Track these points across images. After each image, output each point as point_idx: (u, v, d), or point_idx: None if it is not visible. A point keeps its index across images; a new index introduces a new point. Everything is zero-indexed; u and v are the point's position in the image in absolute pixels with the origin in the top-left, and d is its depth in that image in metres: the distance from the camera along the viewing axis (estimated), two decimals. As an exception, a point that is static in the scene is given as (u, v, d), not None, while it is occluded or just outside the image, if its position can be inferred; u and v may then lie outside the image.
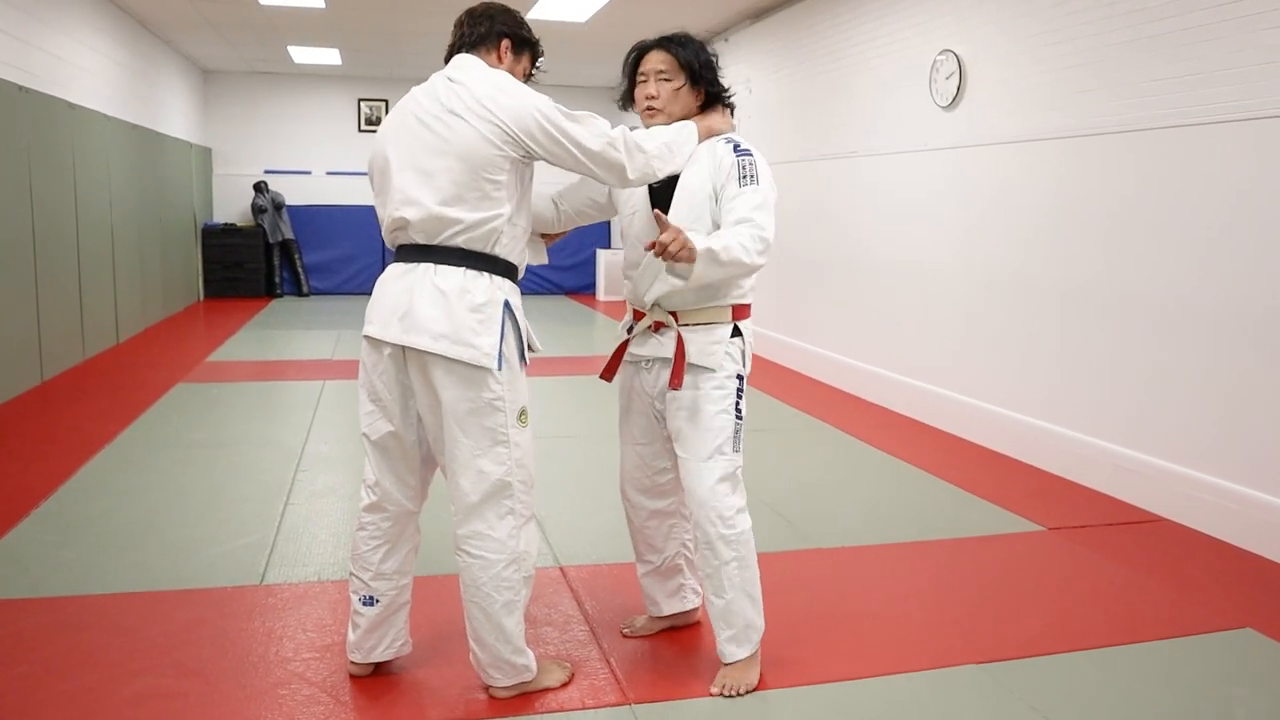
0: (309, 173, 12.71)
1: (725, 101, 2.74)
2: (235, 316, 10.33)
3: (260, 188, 12.22)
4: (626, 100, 2.75)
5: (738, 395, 2.64)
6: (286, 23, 9.05)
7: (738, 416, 2.64)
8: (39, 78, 6.58)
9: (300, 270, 12.41)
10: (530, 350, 2.52)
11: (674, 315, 2.64)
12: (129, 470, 4.62)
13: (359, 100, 12.70)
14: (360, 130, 12.66)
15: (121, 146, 8.43)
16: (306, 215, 12.54)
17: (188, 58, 11.25)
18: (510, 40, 2.57)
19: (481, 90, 2.39)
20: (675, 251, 2.34)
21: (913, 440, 5.52)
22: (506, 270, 2.47)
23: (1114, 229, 4.50)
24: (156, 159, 9.62)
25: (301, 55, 10.94)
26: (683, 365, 2.58)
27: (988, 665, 2.82)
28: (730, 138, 2.66)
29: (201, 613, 3.07)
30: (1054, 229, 4.88)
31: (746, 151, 2.60)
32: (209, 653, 2.80)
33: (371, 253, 12.45)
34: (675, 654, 2.86)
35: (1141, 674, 2.80)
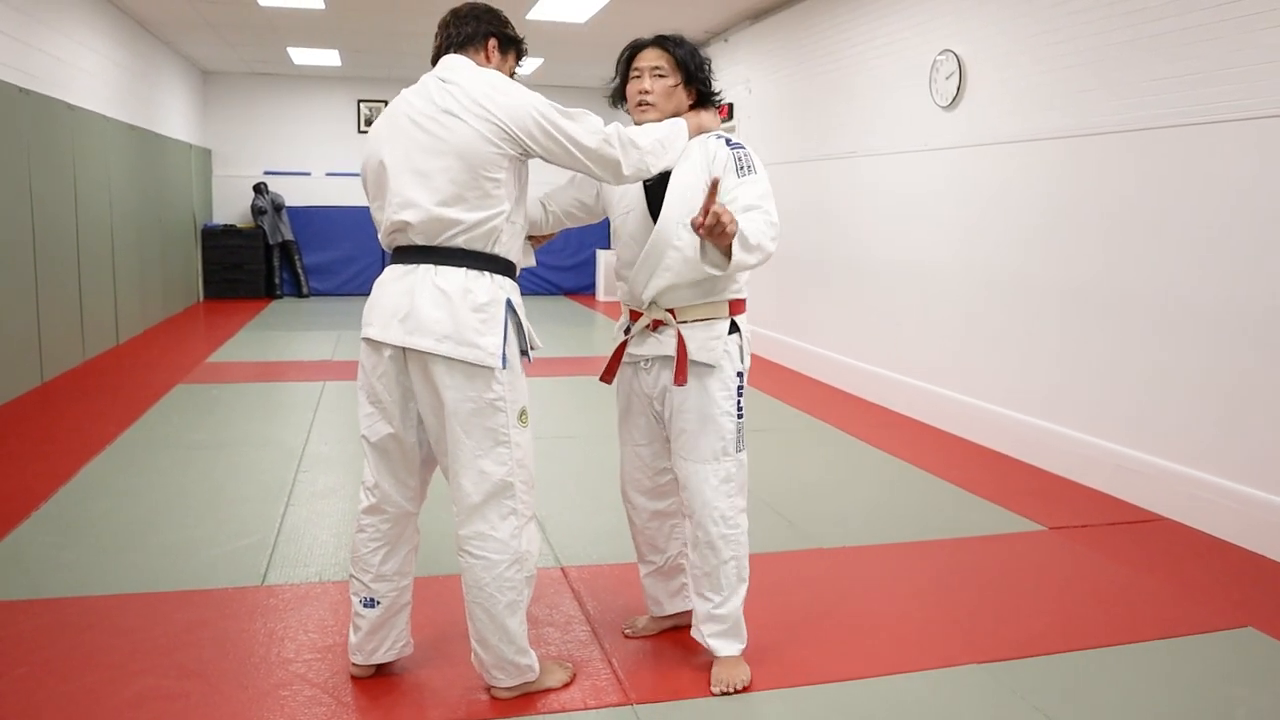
0: (309, 174, 12.71)
1: (716, 104, 2.76)
2: (235, 318, 10.33)
3: (260, 189, 12.22)
4: (618, 96, 2.76)
5: (738, 394, 2.64)
6: (286, 24, 9.05)
7: (739, 415, 2.64)
8: (39, 79, 6.58)
9: (300, 271, 12.41)
10: (532, 348, 2.52)
11: (671, 313, 2.64)
12: (129, 471, 4.62)
13: (359, 101, 12.70)
14: (360, 131, 12.65)
15: (121, 148, 8.43)
16: (306, 216, 12.54)
17: (187, 59, 11.25)
18: (497, 39, 2.58)
19: (477, 89, 2.38)
20: (727, 224, 2.29)
21: (913, 440, 5.52)
22: (506, 269, 2.47)
23: (1114, 228, 4.50)
24: (156, 160, 9.62)
25: (301, 56, 10.94)
26: (685, 361, 2.58)
27: (989, 665, 2.82)
28: (721, 134, 2.69)
29: (202, 614, 3.07)
30: (1054, 229, 4.88)
31: (740, 145, 2.63)
32: (210, 654, 2.80)
33: (371, 254, 12.44)
34: (677, 654, 2.86)
35: (1143, 673, 2.80)
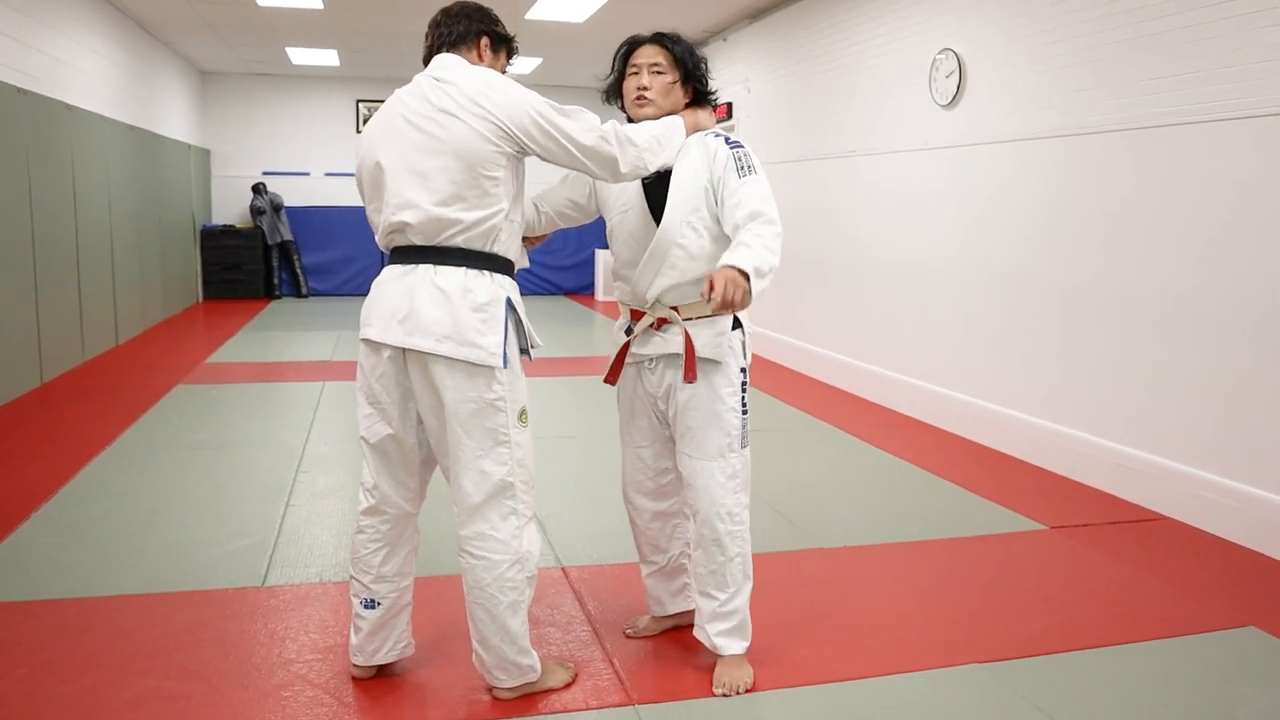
0: (307, 174, 12.71)
1: (712, 103, 2.75)
2: (234, 318, 10.32)
3: (259, 189, 12.22)
4: (614, 92, 2.75)
5: (743, 389, 2.64)
6: (285, 24, 9.04)
7: (744, 411, 2.64)
8: (38, 80, 6.57)
9: (299, 271, 12.41)
10: (532, 346, 2.51)
11: (675, 310, 2.63)
12: (129, 472, 4.62)
13: (357, 101, 12.69)
14: (359, 131, 12.65)
15: (120, 148, 8.42)
16: (305, 216, 12.54)
17: (186, 59, 11.24)
18: (489, 38, 2.57)
19: (472, 88, 2.38)
20: (739, 299, 2.28)
21: (913, 439, 5.52)
22: (505, 267, 2.47)
23: (1114, 227, 4.50)
24: (155, 161, 9.61)
25: (300, 56, 10.94)
26: (693, 358, 2.58)
27: (990, 664, 2.82)
28: (718, 132, 2.68)
29: (203, 614, 3.06)
30: (1054, 227, 4.88)
31: (738, 144, 2.62)
32: (211, 655, 2.79)
33: (370, 254, 12.43)
34: (678, 654, 2.85)
35: (1144, 673, 2.80)
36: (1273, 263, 3.76)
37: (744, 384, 2.65)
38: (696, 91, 2.71)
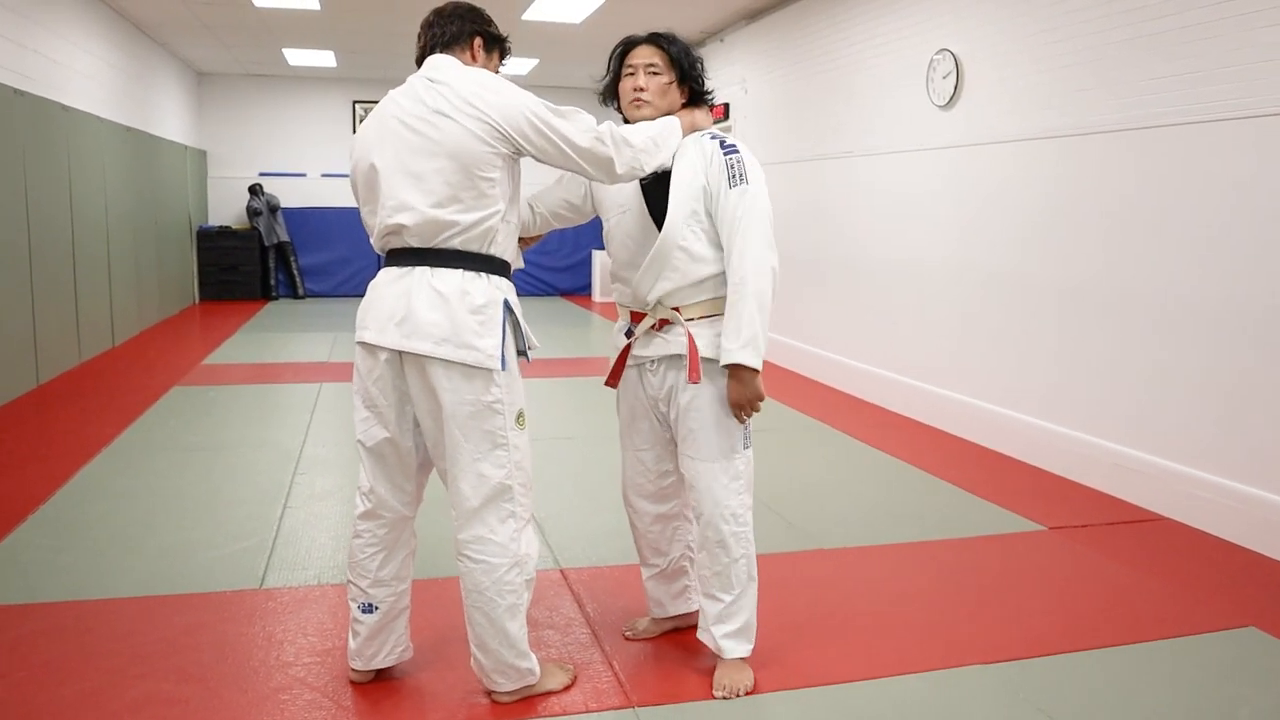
0: (304, 175, 12.69)
1: (709, 103, 2.74)
2: (231, 319, 10.31)
3: (255, 190, 12.20)
4: (610, 93, 2.73)
5: None
6: (281, 25, 9.03)
7: (744, 412, 2.64)
8: (34, 81, 6.56)
9: (296, 273, 12.39)
10: (530, 348, 2.50)
11: (676, 311, 2.62)
12: (126, 474, 4.61)
13: (354, 102, 12.68)
14: (355, 132, 12.62)
15: (116, 149, 8.41)
16: (302, 217, 12.52)
17: (183, 60, 11.22)
18: (482, 38, 2.56)
19: (467, 89, 2.36)
20: (759, 406, 2.59)
21: (911, 440, 5.51)
22: (502, 269, 2.46)
23: (1113, 228, 4.50)
24: (151, 162, 9.59)
25: (296, 57, 10.92)
26: (697, 359, 2.57)
27: (991, 665, 2.82)
28: (715, 133, 2.66)
29: (201, 617, 3.05)
30: (1052, 228, 4.88)
31: (733, 149, 2.59)
32: (209, 657, 2.78)
33: (367, 255, 12.41)
34: (678, 656, 2.85)
35: (1144, 673, 2.80)
36: (1272, 263, 3.76)
37: None
38: (693, 92, 2.69)
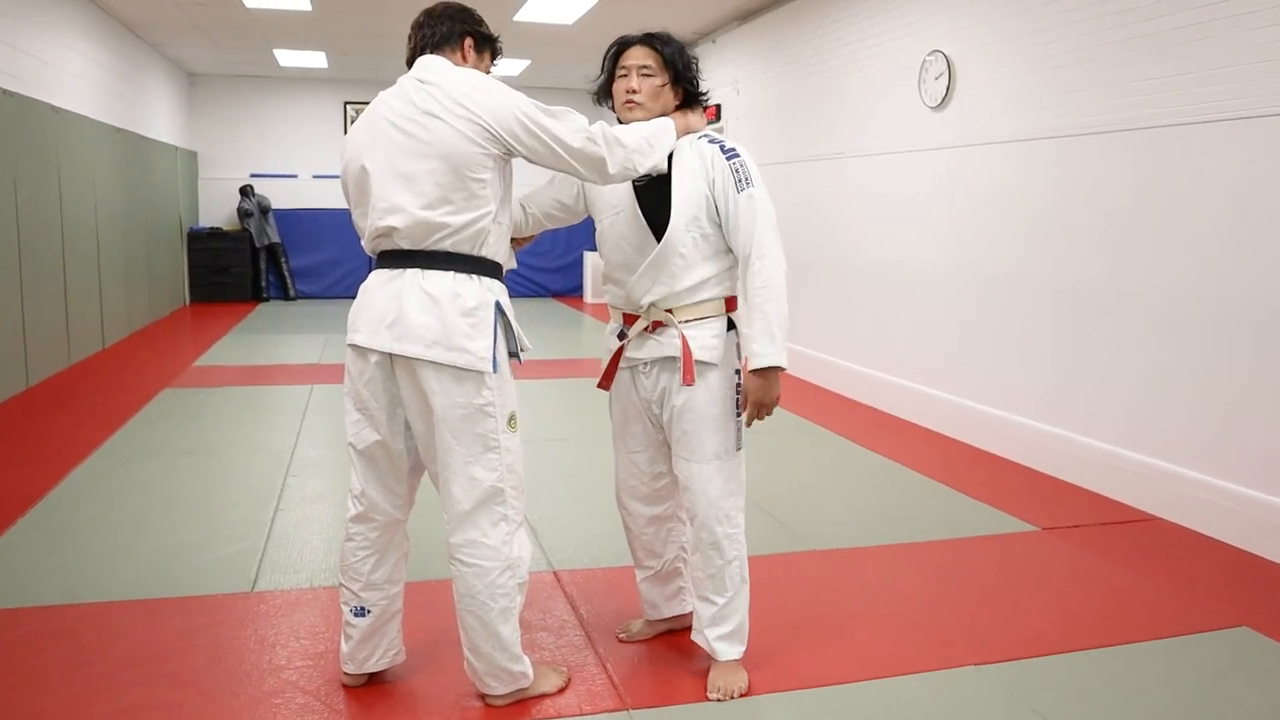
0: (295, 176, 12.66)
1: (703, 104, 2.73)
2: (222, 321, 10.27)
3: (246, 191, 12.16)
4: (603, 93, 2.72)
5: (737, 391, 2.63)
6: (272, 25, 9.01)
7: (739, 414, 2.63)
8: (24, 81, 6.52)
9: (287, 274, 12.36)
10: (521, 350, 2.49)
11: (669, 313, 2.61)
12: (117, 476, 4.58)
13: (345, 103, 12.65)
14: (347, 133, 12.60)
15: (107, 150, 8.37)
16: (293, 219, 12.48)
17: (173, 61, 11.18)
18: (472, 38, 2.55)
19: (457, 89, 2.35)
20: (773, 407, 2.58)
21: (905, 442, 5.52)
22: (494, 271, 2.44)
23: (1107, 229, 4.51)
24: (142, 163, 9.56)
25: (287, 58, 10.90)
26: (691, 360, 2.56)
27: (985, 666, 2.81)
28: (712, 137, 2.64)
29: (193, 620, 3.04)
30: (1046, 229, 4.88)
31: (734, 152, 2.58)
32: (201, 661, 2.77)
33: (358, 256, 12.37)
34: (672, 658, 2.84)
35: (1139, 673, 2.80)
36: (1267, 263, 3.77)
37: (739, 385, 2.64)
38: (687, 93, 2.68)
